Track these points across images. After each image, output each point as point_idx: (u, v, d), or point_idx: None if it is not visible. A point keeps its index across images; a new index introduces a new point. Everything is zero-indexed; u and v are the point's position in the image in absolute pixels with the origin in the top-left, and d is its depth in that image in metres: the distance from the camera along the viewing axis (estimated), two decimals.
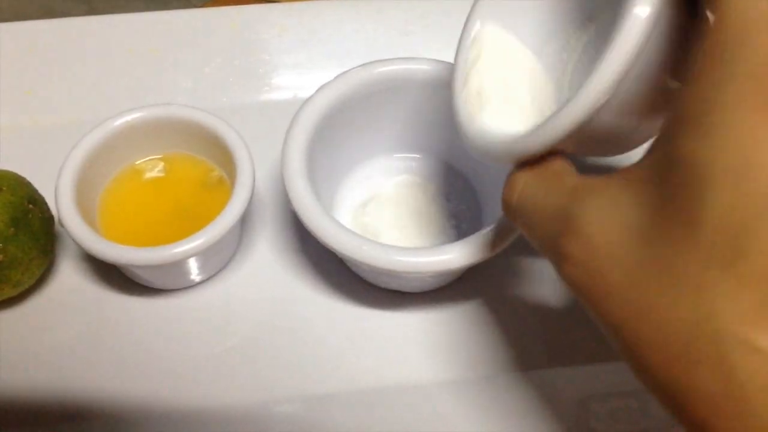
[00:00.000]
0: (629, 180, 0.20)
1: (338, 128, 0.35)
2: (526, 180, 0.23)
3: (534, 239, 0.22)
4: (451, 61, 0.35)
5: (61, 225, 0.32)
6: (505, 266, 0.36)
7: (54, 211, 0.33)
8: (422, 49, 0.43)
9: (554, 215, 0.21)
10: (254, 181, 0.33)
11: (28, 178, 0.34)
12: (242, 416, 0.32)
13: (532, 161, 0.23)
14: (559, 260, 0.20)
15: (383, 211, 0.36)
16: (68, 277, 0.35)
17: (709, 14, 0.20)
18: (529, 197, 0.23)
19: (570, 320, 0.35)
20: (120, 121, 0.34)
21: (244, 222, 0.37)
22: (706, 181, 0.17)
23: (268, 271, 0.36)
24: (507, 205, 0.24)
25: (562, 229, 0.20)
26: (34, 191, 0.33)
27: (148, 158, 0.36)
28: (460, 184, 0.37)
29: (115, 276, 0.35)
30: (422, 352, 0.34)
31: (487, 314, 0.35)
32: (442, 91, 0.35)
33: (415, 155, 0.38)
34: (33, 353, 0.33)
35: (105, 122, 0.34)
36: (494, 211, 0.34)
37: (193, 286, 0.35)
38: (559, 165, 0.23)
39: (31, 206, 0.32)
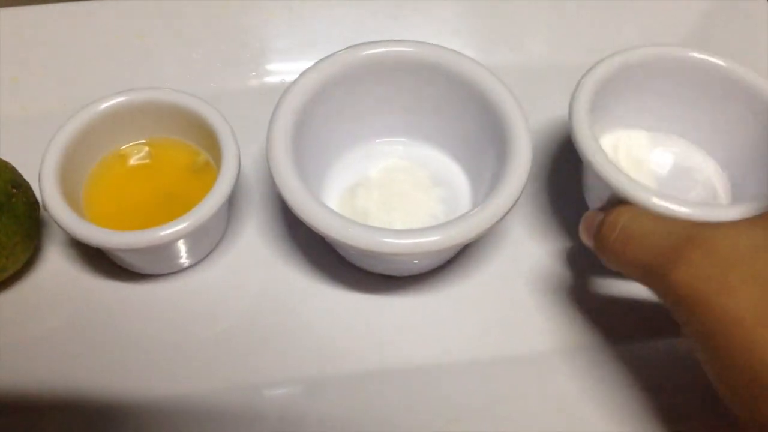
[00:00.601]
0: (756, 222, 0.26)
1: (324, 112, 0.34)
2: (632, 214, 0.29)
3: (639, 251, 0.28)
4: (440, 43, 0.35)
5: (45, 209, 0.31)
6: (494, 250, 0.36)
7: (39, 198, 0.33)
8: (411, 34, 0.43)
9: (669, 235, 0.27)
10: (240, 163, 0.33)
11: (14, 165, 0.33)
12: (232, 401, 0.32)
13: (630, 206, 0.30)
14: (673, 266, 0.26)
15: (371, 195, 0.36)
16: (54, 263, 0.35)
17: None
18: (639, 224, 0.28)
19: (566, 302, 0.35)
20: (104, 105, 0.34)
21: (232, 206, 0.37)
22: None
23: (257, 255, 0.36)
24: (611, 228, 0.29)
25: (680, 244, 0.26)
26: (18, 176, 0.33)
27: (133, 143, 0.36)
28: (448, 168, 0.37)
29: (102, 262, 0.35)
30: (412, 336, 0.34)
31: (478, 297, 0.35)
32: (429, 74, 0.35)
33: (403, 139, 0.38)
34: (18, 340, 0.33)
35: (89, 106, 0.34)
36: (481, 193, 0.34)
37: (181, 271, 0.35)
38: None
39: (14, 190, 0.32)
